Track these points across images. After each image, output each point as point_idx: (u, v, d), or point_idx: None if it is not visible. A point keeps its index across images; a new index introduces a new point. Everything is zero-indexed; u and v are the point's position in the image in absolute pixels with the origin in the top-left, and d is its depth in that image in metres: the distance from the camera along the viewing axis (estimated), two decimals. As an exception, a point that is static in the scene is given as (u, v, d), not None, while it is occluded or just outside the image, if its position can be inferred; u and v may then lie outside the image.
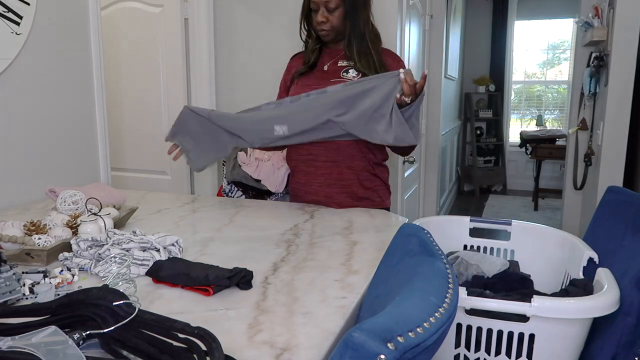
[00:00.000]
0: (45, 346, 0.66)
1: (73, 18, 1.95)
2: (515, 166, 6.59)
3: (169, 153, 1.80)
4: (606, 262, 1.28)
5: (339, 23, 1.67)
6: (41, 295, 0.90)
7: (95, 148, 2.11)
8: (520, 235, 1.61)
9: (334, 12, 1.65)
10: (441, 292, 0.66)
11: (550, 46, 6.43)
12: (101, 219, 1.25)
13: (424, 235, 0.91)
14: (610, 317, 1.12)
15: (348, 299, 0.95)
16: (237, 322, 0.85)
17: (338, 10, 1.65)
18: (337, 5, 1.64)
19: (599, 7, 2.95)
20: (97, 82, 2.08)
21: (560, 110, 6.51)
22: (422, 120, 3.63)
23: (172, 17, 2.74)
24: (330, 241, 1.33)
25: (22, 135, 1.76)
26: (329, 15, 1.65)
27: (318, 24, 1.68)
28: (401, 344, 0.52)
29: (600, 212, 1.48)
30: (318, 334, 0.81)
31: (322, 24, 1.67)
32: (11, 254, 1.10)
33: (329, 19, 1.66)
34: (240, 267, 1.01)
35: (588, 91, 3.13)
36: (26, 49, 1.74)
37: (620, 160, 2.77)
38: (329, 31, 1.68)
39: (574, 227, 3.55)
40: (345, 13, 1.65)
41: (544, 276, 1.53)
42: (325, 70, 1.75)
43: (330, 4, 1.64)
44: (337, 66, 1.74)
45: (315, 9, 1.67)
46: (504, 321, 1.16)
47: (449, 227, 1.66)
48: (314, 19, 1.70)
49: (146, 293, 0.97)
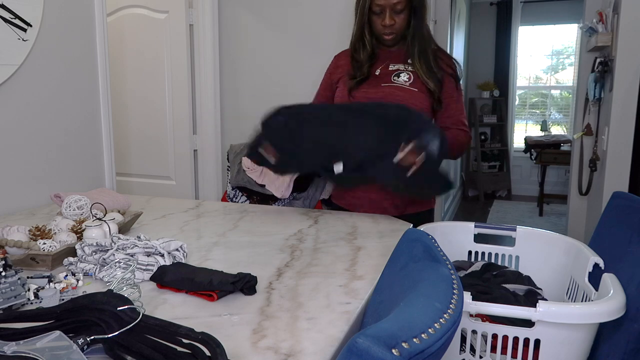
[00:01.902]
0: (49, 351, 0.66)
1: (79, 24, 1.96)
2: (520, 171, 6.57)
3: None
4: (612, 267, 1.27)
5: (405, 25, 1.63)
6: (46, 300, 0.91)
7: (100, 153, 2.12)
8: (525, 241, 1.60)
9: (401, 14, 1.61)
10: (446, 297, 0.66)
11: (555, 51, 6.42)
12: (106, 224, 1.25)
13: (429, 241, 0.91)
14: (617, 323, 1.11)
15: (352, 305, 0.95)
16: (241, 328, 0.85)
17: (404, 12, 1.61)
18: (404, 6, 1.60)
19: (603, 12, 2.95)
20: (103, 88, 2.09)
21: (565, 115, 6.49)
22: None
23: (177, 24, 2.76)
24: (335, 246, 1.32)
25: (28, 140, 1.77)
26: (396, 17, 1.61)
27: (384, 28, 1.62)
28: (406, 350, 0.51)
29: (606, 217, 1.47)
30: (322, 340, 0.81)
31: (389, 27, 1.62)
32: (16, 259, 1.10)
33: (396, 21, 1.61)
34: (245, 273, 1.01)
35: (593, 96, 3.12)
36: (33, 55, 1.75)
37: (625, 165, 2.75)
38: (395, 34, 1.64)
39: (579, 232, 3.53)
40: (410, 14, 1.62)
41: (549, 282, 1.52)
42: (377, 75, 1.71)
43: (398, 5, 1.59)
44: (388, 70, 1.70)
45: (379, 12, 1.61)
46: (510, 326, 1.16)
47: (454, 232, 1.66)
48: (374, 22, 1.64)
49: (150, 298, 0.97)
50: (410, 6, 1.62)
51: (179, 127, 2.89)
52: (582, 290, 1.33)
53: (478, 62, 6.33)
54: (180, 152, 2.93)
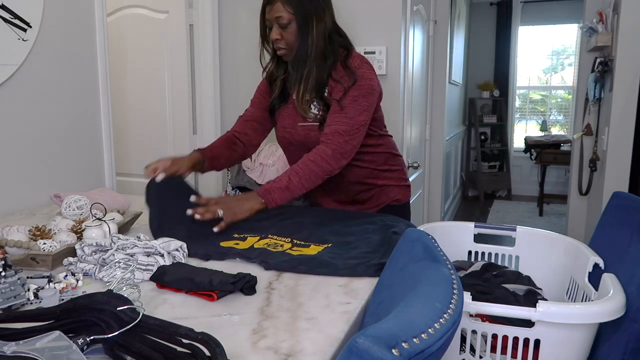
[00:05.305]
0: (49, 351, 0.66)
1: (79, 24, 1.96)
2: (520, 171, 6.57)
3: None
4: (612, 267, 1.27)
5: (294, 39, 1.52)
6: (45, 300, 0.91)
7: (100, 153, 2.12)
8: (525, 241, 1.60)
9: (287, 28, 1.51)
10: (446, 297, 0.66)
11: (555, 52, 6.42)
12: (106, 224, 1.25)
13: (429, 241, 0.91)
14: (617, 323, 1.11)
15: (352, 305, 0.95)
16: (241, 328, 0.85)
17: (291, 25, 1.51)
18: (289, 20, 1.50)
19: (603, 12, 2.95)
20: (103, 88, 2.09)
21: (565, 115, 6.49)
22: (427, 126, 3.63)
23: (177, 24, 2.76)
24: (335, 246, 1.32)
25: (28, 140, 1.77)
26: (283, 32, 1.52)
27: (273, 42, 1.55)
28: (406, 350, 0.51)
29: (606, 217, 1.47)
30: (322, 340, 0.80)
31: (277, 42, 1.54)
32: (16, 259, 1.10)
33: (283, 36, 1.52)
34: (244, 273, 1.01)
35: (593, 96, 3.13)
36: (32, 55, 1.75)
37: (625, 165, 2.76)
38: (286, 49, 1.54)
39: (579, 232, 3.53)
40: (298, 27, 1.50)
41: (549, 282, 1.52)
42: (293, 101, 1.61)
43: (281, 20, 1.50)
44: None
45: (270, 27, 1.54)
46: (509, 326, 1.16)
47: (454, 232, 1.66)
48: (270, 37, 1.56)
49: (150, 298, 0.97)
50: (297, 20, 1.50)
51: (179, 127, 2.89)
52: (582, 290, 1.33)
53: (478, 62, 6.33)
54: (180, 152, 2.92)
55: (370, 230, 1.38)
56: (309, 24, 1.51)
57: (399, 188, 1.73)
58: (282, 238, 1.33)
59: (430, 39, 3.62)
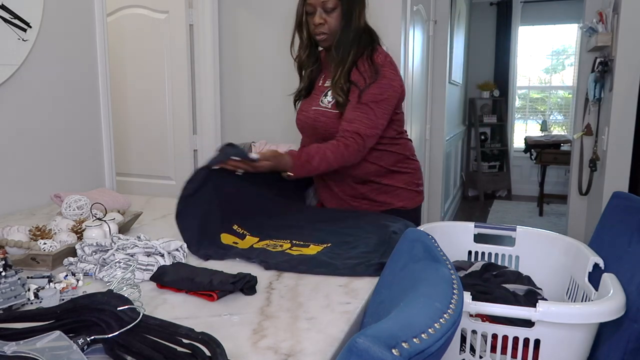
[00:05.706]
0: (49, 351, 0.66)
1: (79, 24, 1.96)
2: (520, 171, 6.57)
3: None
4: (612, 267, 1.27)
5: (337, 25, 1.56)
6: (46, 300, 0.91)
7: (101, 153, 2.12)
8: (525, 241, 1.60)
9: (332, 13, 1.54)
10: (446, 297, 0.66)
11: (555, 52, 6.42)
12: (106, 224, 1.25)
13: (429, 241, 0.91)
14: (617, 323, 1.11)
15: (352, 305, 0.95)
16: (241, 328, 0.85)
17: (336, 11, 1.54)
18: (335, 5, 1.53)
19: (603, 12, 2.95)
20: (103, 88, 2.09)
21: (565, 115, 6.49)
22: (427, 126, 3.63)
23: (177, 23, 2.76)
24: (335, 246, 1.32)
25: (28, 140, 1.77)
26: (326, 17, 1.55)
27: (315, 27, 1.57)
28: (406, 350, 0.51)
29: (606, 217, 1.47)
30: (322, 340, 0.81)
31: (319, 27, 1.56)
32: (17, 259, 1.10)
33: (327, 21, 1.55)
34: (244, 273, 1.01)
35: (593, 96, 3.13)
36: (33, 55, 1.75)
37: (625, 165, 2.75)
38: (327, 35, 1.57)
39: (579, 232, 3.53)
40: (343, 13, 1.54)
41: (549, 282, 1.52)
42: (317, 88, 1.70)
43: (328, 3, 1.53)
44: (324, 85, 1.68)
45: (312, 12, 1.57)
46: (509, 326, 1.16)
47: (454, 232, 1.66)
48: (309, 23, 1.59)
49: (150, 298, 0.97)
50: (341, 5, 1.54)
51: (179, 127, 2.89)
52: (582, 290, 1.33)
53: (478, 62, 6.33)
54: (180, 152, 2.93)
55: (369, 230, 1.38)
56: (353, 11, 1.56)
57: (407, 192, 1.71)
58: (281, 239, 1.33)
59: (430, 39, 3.62)
